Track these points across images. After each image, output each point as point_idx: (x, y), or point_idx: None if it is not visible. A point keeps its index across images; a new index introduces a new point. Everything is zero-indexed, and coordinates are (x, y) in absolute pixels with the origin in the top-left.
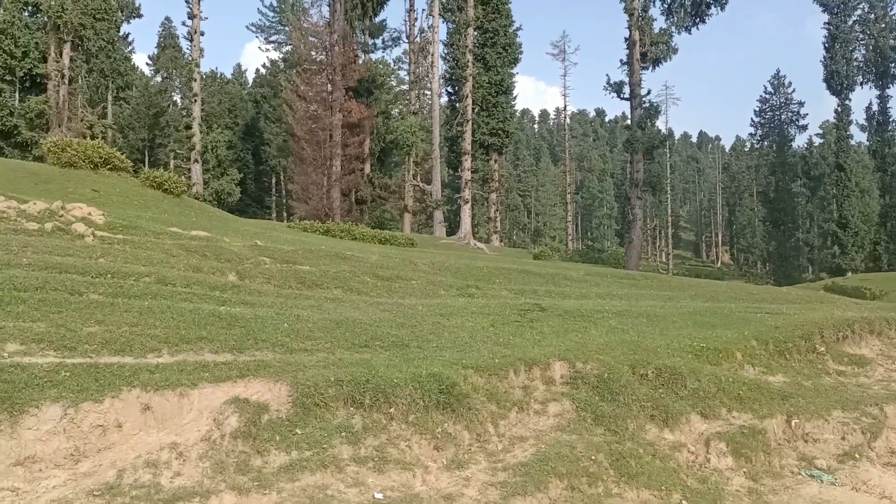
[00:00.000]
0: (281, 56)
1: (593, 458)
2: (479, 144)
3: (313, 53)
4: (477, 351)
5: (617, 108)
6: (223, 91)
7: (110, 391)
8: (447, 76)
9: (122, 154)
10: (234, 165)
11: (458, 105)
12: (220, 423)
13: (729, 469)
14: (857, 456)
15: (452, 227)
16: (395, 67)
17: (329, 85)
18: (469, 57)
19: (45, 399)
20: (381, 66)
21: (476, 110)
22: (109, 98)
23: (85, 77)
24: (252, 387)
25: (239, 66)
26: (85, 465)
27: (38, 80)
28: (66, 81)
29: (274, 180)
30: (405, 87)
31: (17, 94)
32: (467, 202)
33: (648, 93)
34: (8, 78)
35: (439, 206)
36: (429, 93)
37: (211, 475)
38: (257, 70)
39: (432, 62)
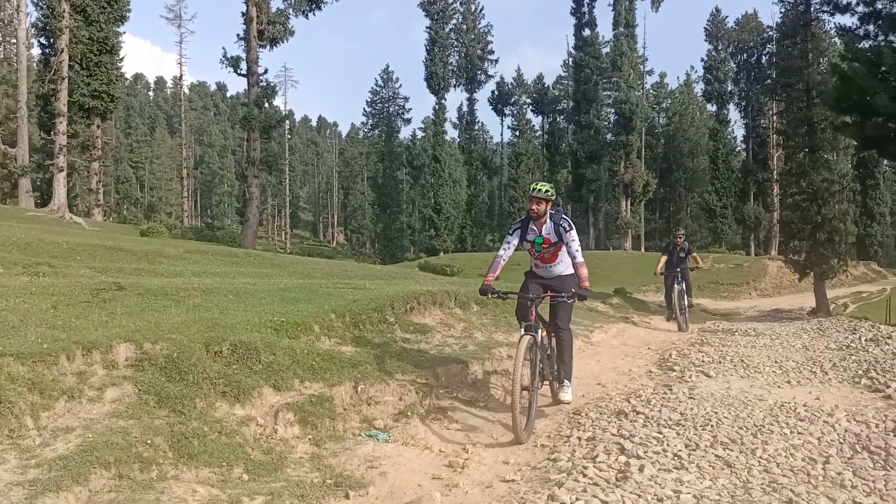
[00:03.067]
0: None
1: (150, 441)
2: (79, 107)
3: None
4: (24, 336)
5: (239, 84)
6: None
7: None
8: (39, 25)
9: None
10: None
11: (52, 59)
12: None
13: (295, 437)
14: (409, 414)
15: (45, 199)
16: None
17: None
18: (66, 6)
19: None
20: None
21: (75, 68)
22: None
23: None
24: None
25: None
26: None
27: None
28: None
29: None
30: None
31: None
32: (62, 170)
33: (265, 71)
34: None
35: (26, 173)
36: (15, 41)
37: None
38: None
39: (18, 5)
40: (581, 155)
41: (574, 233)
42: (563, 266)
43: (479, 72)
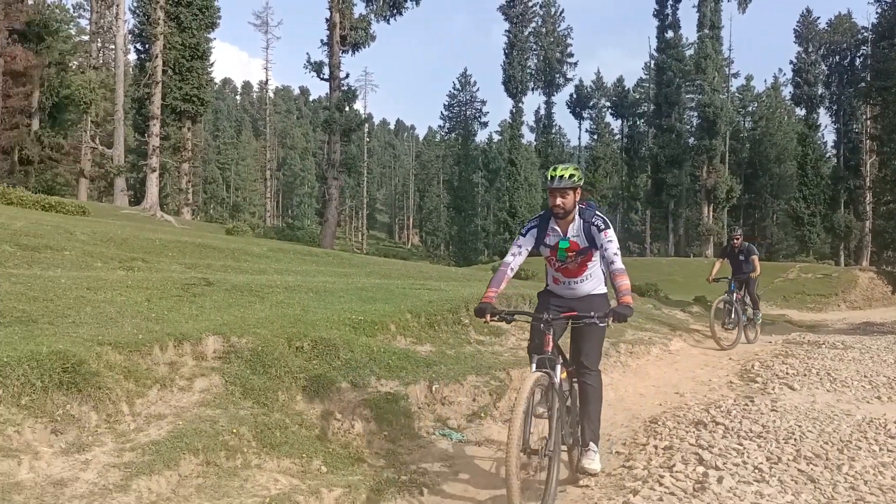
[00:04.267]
0: None
1: (235, 430)
2: (171, 110)
3: None
4: (121, 327)
5: (321, 88)
6: None
7: None
8: (136, 31)
9: None
10: None
11: (147, 65)
12: None
13: (371, 433)
14: (482, 415)
15: (139, 197)
16: (76, 14)
17: None
18: (161, 14)
19: None
20: (56, 11)
21: (168, 73)
22: None
23: None
24: None
25: None
26: None
27: None
28: None
29: None
30: (86, 37)
31: None
32: (155, 170)
33: (347, 76)
34: None
35: (122, 173)
36: (114, 47)
37: None
38: None
39: (117, 14)
40: (661, 159)
41: (611, 232)
42: (593, 282)
43: (558, 75)
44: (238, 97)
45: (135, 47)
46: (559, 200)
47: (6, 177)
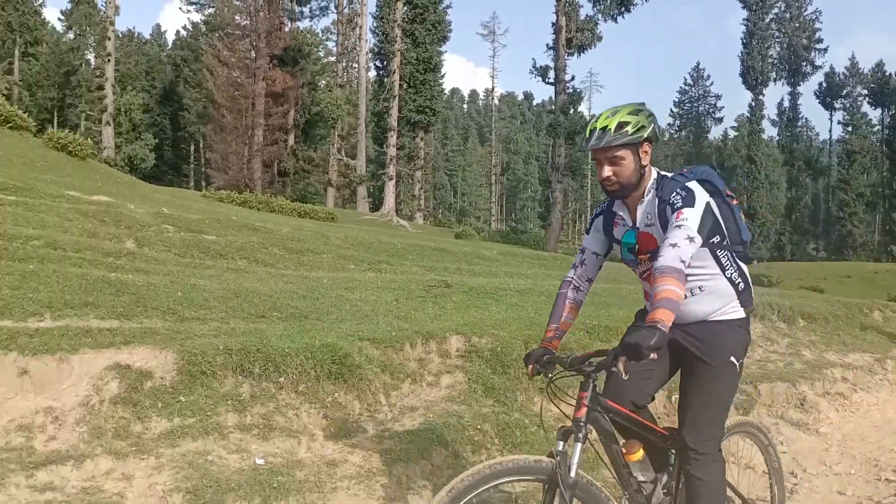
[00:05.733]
0: (203, 18)
1: (479, 427)
2: (406, 121)
3: (237, 18)
4: (376, 324)
5: (544, 92)
6: (140, 52)
7: None
8: (375, 50)
9: (26, 114)
10: (149, 130)
11: (385, 80)
12: (99, 388)
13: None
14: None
15: (377, 204)
16: (324, 38)
17: (253, 52)
18: (398, 31)
19: None
20: (308, 36)
21: (404, 86)
22: (17, 53)
23: None
24: (136, 354)
25: (158, 26)
26: None
27: None
28: None
29: (192, 148)
30: (333, 58)
31: None
32: (392, 179)
33: (572, 78)
34: None
35: (363, 182)
36: (356, 66)
37: (87, 440)
38: (178, 32)
39: (360, 35)
40: None
41: (691, 213)
42: (709, 299)
43: (804, 63)
44: (465, 105)
45: (374, 65)
46: (607, 169)
47: (267, 187)
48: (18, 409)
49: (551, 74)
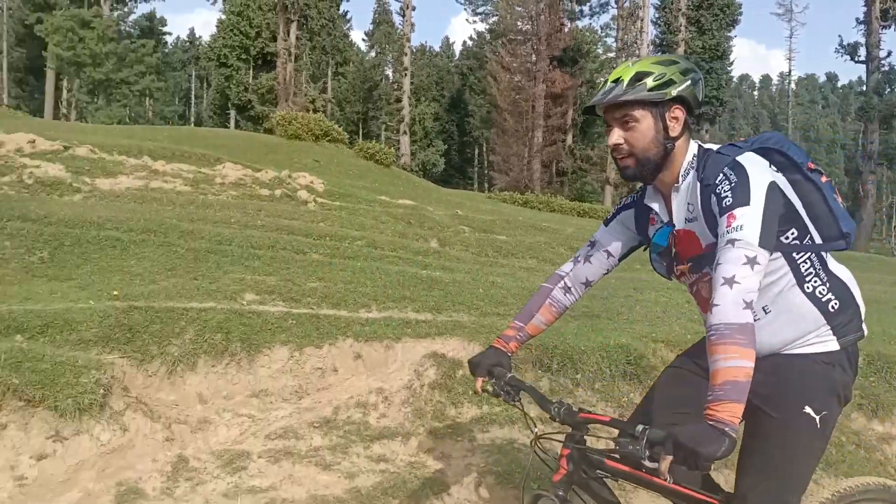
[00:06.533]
0: (487, 27)
1: None
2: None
3: (519, 23)
4: (669, 326)
5: (851, 72)
6: (431, 64)
7: (328, 339)
8: (657, 41)
9: (338, 126)
10: (439, 137)
11: None
12: (419, 374)
13: None
14: None
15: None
16: (602, 35)
17: (533, 55)
18: (682, 20)
19: (275, 342)
20: (587, 34)
21: None
22: (329, 73)
23: (308, 54)
24: (448, 344)
25: (447, 38)
26: (306, 401)
27: (268, 58)
28: (292, 59)
29: (476, 151)
30: (612, 55)
31: (250, 72)
32: None
33: (889, 55)
34: (244, 57)
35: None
36: (637, 60)
37: (411, 419)
38: (464, 42)
39: (641, 27)
40: None
41: (744, 214)
42: (779, 321)
43: None
44: (755, 93)
45: None
46: (615, 134)
47: (546, 187)
48: (356, 387)
49: (861, 52)
